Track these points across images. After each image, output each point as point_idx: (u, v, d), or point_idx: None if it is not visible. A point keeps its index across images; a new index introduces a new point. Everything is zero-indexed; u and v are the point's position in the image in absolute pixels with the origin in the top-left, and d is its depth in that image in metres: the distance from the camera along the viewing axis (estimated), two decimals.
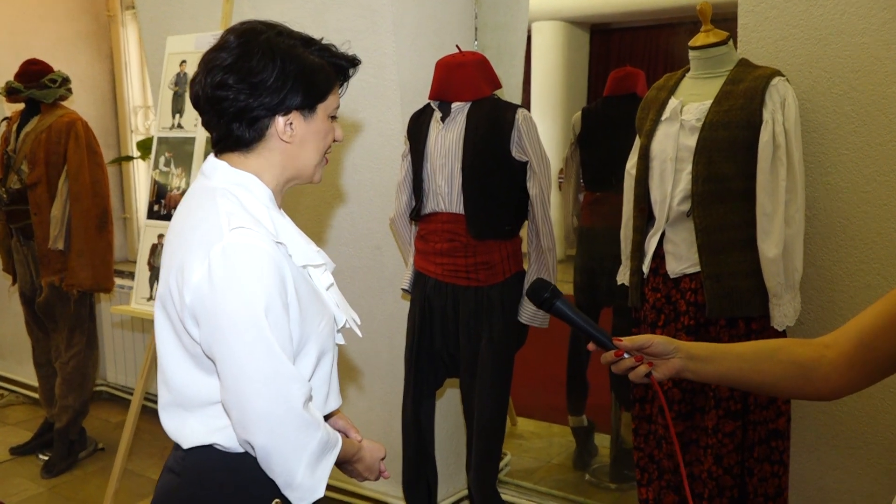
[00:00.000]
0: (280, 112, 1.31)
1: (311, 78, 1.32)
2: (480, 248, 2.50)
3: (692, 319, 2.20)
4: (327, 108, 1.37)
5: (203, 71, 1.32)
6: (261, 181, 1.35)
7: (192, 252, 1.26)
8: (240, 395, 1.24)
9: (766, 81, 2.09)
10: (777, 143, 2.06)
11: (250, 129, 1.32)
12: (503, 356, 2.54)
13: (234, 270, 1.22)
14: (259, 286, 1.22)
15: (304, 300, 1.32)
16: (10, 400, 4.60)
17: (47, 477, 3.63)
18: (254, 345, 1.22)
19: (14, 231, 3.69)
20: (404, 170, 2.67)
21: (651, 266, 2.30)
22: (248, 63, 1.28)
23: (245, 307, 1.21)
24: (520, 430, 4.04)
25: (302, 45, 1.34)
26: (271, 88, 1.29)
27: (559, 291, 1.33)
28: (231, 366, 1.23)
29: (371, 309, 3.08)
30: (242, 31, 1.32)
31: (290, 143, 1.35)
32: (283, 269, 1.27)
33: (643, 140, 2.31)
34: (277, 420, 1.24)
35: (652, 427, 2.33)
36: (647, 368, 1.27)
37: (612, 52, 8.38)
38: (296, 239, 1.36)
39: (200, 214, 1.30)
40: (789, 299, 2.09)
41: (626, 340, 1.28)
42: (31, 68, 3.55)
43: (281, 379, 1.24)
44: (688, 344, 1.28)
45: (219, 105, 1.31)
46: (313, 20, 2.95)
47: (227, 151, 1.36)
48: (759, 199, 2.09)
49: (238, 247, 1.23)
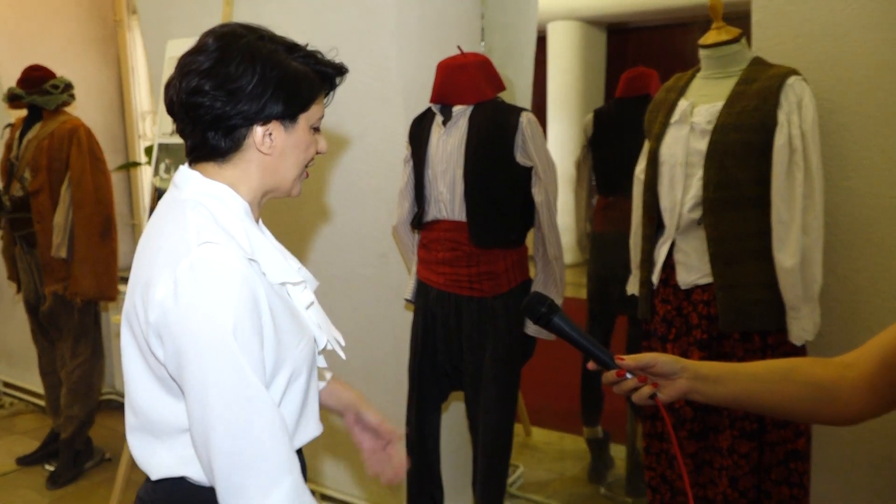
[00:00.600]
0: (259, 121, 1.23)
1: (293, 86, 1.24)
2: (484, 257, 2.40)
3: (705, 333, 2.08)
4: (310, 119, 1.29)
5: (178, 75, 1.24)
6: (236, 193, 1.27)
7: (159, 267, 1.17)
8: (205, 422, 1.14)
9: (781, 81, 1.98)
10: (793, 146, 1.94)
11: (226, 138, 1.24)
12: (508, 370, 2.44)
13: (201, 288, 1.13)
14: (228, 306, 1.13)
15: (279, 321, 1.23)
16: (18, 408, 4.58)
17: (52, 488, 3.58)
18: (221, 368, 1.12)
19: (18, 239, 3.65)
20: (406, 176, 2.58)
21: (661, 276, 2.19)
22: (226, 68, 1.20)
23: (212, 328, 1.12)
24: (533, 441, 3.95)
25: (285, 50, 1.26)
26: (250, 96, 1.21)
27: (557, 306, 1.25)
28: (195, 391, 1.14)
29: (376, 318, 3.00)
30: (222, 34, 1.24)
31: (269, 155, 1.27)
32: (256, 288, 1.18)
33: (652, 144, 2.20)
34: (243, 454, 1.14)
35: (664, 445, 2.22)
36: (651, 389, 1.19)
37: (630, 52, 8.26)
38: (272, 255, 1.28)
39: (169, 228, 1.22)
40: (808, 312, 1.97)
41: (629, 359, 1.19)
42: (33, 74, 3.50)
43: (250, 405, 1.14)
44: (695, 363, 1.19)
45: (194, 112, 1.22)
46: (312, 21, 2.88)
47: (201, 161, 1.28)
48: (775, 206, 1.97)
49: (206, 263, 1.14)
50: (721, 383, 1.17)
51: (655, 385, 1.19)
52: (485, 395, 2.45)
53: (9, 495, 3.53)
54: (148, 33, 3.51)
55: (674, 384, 1.18)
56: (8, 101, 3.53)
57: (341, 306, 3.10)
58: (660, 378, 1.19)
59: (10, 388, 4.75)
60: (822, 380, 1.13)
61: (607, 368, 1.22)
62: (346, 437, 3.16)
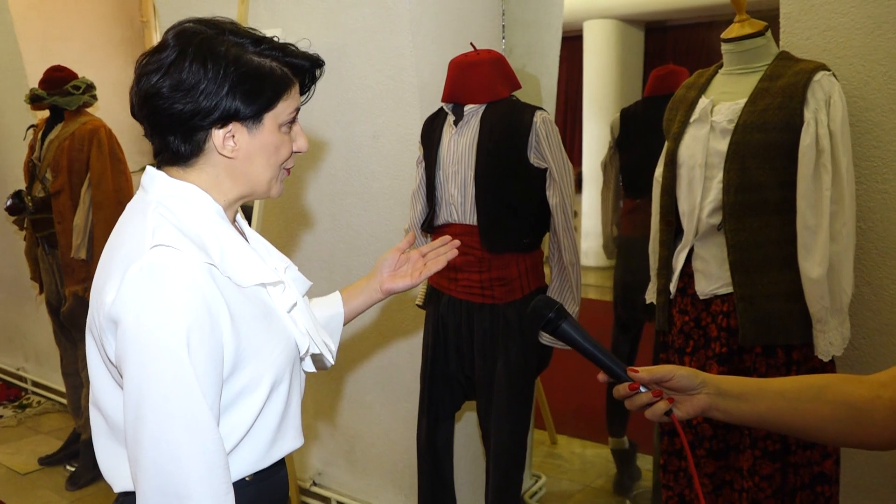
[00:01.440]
0: (216, 123, 1.15)
1: (254, 83, 1.16)
2: (496, 262, 2.30)
3: (724, 346, 1.96)
4: (277, 117, 1.20)
5: (136, 76, 1.17)
6: (205, 193, 1.20)
7: (113, 271, 1.11)
8: (135, 435, 1.06)
9: (808, 77, 1.84)
10: (821, 146, 1.81)
11: (186, 142, 1.17)
12: (521, 380, 2.33)
13: (148, 293, 1.06)
14: (174, 313, 1.05)
15: (243, 327, 1.15)
16: (46, 407, 4.60)
17: (71, 489, 3.58)
18: (160, 380, 1.04)
19: (40, 240, 3.65)
20: (418, 177, 2.49)
21: (679, 285, 2.06)
22: (180, 67, 1.13)
23: (156, 336, 1.04)
24: (558, 450, 3.84)
25: (251, 44, 1.18)
26: (205, 95, 1.13)
27: (566, 311, 1.15)
28: (130, 399, 1.06)
29: (391, 323, 2.93)
30: (179, 31, 1.17)
31: (234, 159, 1.19)
32: (211, 295, 1.10)
33: (670, 144, 2.08)
34: (166, 478, 1.05)
35: (682, 464, 2.10)
36: (667, 405, 1.08)
37: (668, 51, 8.10)
38: (243, 256, 1.20)
39: (128, 230, 1.16)
40: (836, 325, 1.83)
41: (644, 371, 1.09)
42: (55, 75, 3.50)
43: (186, 426, 1.05)
44: (716, 377, 1.08)
45: (152, 115, 1.16)
46: (327, 20, 2.81)
47: (166, 165, 1.21)
48: (800, 211, 1.84)
49: (155, 267, 1.07)
50: (744, 400, 1.07)
51: (672, 400, 1.08)
52: (497, 406, 2.35)
53: (28, 495, 3.54)
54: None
55: (692, 400, 1.08)
56: (30, 102, 3.54)
57: None
58: (677, 393, 1.09)
59: (38, 387, 4.79)
60: (857, 399, 1.03)
61: (619, 381, 1.12)
62: (360, 443, 3.11)
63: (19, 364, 4.98)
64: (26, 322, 4.84)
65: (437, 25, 2.70)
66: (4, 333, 5.07)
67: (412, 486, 2.98)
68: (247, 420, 1.18)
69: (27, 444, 4.10)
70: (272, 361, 1.19)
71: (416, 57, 2.65)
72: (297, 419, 1.29)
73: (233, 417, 1.16)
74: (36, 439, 4.18)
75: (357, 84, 2.81)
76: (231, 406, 1.16)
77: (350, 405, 3.15)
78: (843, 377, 1.09)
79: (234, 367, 1.14)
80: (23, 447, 4.06)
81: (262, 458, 1.23)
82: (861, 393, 1.04)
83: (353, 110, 2.84)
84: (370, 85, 2.78)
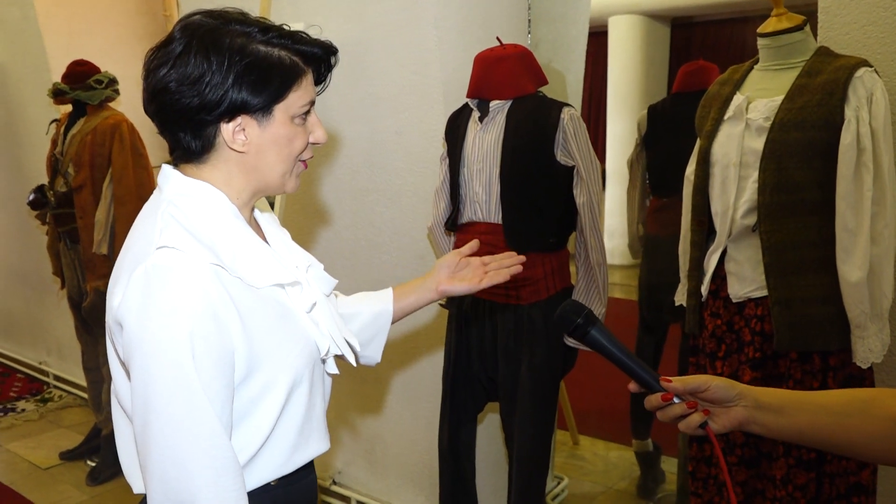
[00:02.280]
0: (224, 117, 1.12)
1: (260, 73, 1.12)
2: None
3: (758, 351, 1.89)
4: (289, 109, 1.16)
5: (144, 72, 1.14)
6: (219, 191, 1.17)
7: (122, 273, 1.10)
8: (144, 443, 1.05)
9: (848, 73, 1.77)
10: (862, 145, 1.74)
11: (196, 138, 1.14)
12: (545, 383, 2.28)
13: (151, 296, 1.04)
14: (178, 316, 1.03)
15: (260, 328, 1.12)
16: (67, 402, 4.62)
17: (92, 484, 3.58)
18: (165, 381, 1.02)
19: (61, 235, 3.65)
20: (442, 174, 2.45)
21: (710, 288, 2.00)
22: (186, 60, 1.10)
23: (160, 340, 1.02)
24: (580, 451, 3.79)
25: (259, 33, 1.14)
26: (210, 87, 1.10)
27: (595, 317, 1.10)
28: (137, 405, 1.05)
29: (414, 323, 2.89)
30: (185, 24, 1.14)
31: (245, 153, 1.16)
32: (219, 296, 1.07)
33: (703, 142, 2.01)
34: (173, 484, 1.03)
35: (712, 471, 2.04)
36: (702, 417, 1.03)
37: (694, 47, 7.98)
38: (257, 256, 1.16)
39: (140, 230, 1.14)
40: (876, 331, 1.76)
41: (677, 381, 1.04)
42: (78, 69, 3.49)
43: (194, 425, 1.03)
44: (755, 389, 1.03)
45: (161, 111, 1.13)
46: (351, 13, 2.77)
47: (181, 162, 1.19)
48: (840, 212, 1.77)
49: (159, 270, 1.05)
50: (784, 414, 1.02)
51: (707, 412, 1.04)
52: (521, 409, 2.31)
53: (49, 490, 3.54)
54: None
55: (728, 412, 1.03)
56: (53, 96, 3.53)
57: None
58: (712, 404, 1.04)
59: (60, 381, 4.81)
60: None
61: (651, 391, 1.07)
62: (381, 443, 3.08)
63: (41, 358, 5.00)
64: (48, 316, 4.86)
65: (462, 19, 2.65)
66: (27, 327, 5.10)
67: (432, 487, 2.95)
68: (267, 423, 1.15)
69: (48, 439, 4.11)
70: (289, 364, 1.16)
71: (440, 52, 2.60)
72: (321, 423, 1.26)
73: (252, 421, 1.14)
74: (57, 433, 4.19)
75: (380, 79, 2.77)
76: (249, 410, 1.14)
77: (370, 405, 3.12)
78: (889, 391, 1.03)
79: (248, 371, 1.12)
80: (44, 441, 4.08)
81: (285, 462, 1.20)
82: None
83: (376, 106, 2.80)
84: (394, 80, 2.73)
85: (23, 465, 3.79)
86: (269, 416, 1.15)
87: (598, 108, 8.61)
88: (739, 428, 1.03)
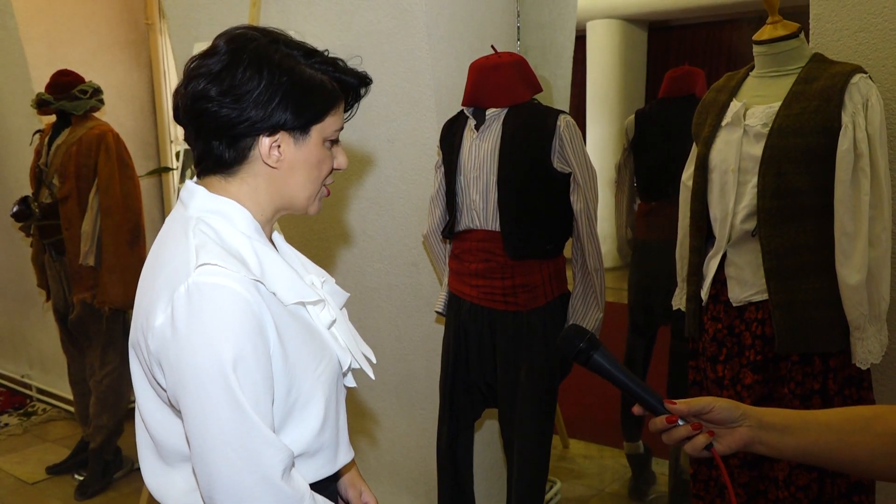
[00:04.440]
0: (265, 131, 1.14)
1: (305, 94, 1.14)
2: (519, 268, 2.27)
3: (759, 354, 1.92)
4: (324, 131, 1.19)
5: (185, 79, 1.15)
6: (244, 208, 1.17)
7: (158, 293, 1.09)
8: (204, 457, 1.06)
9: (845, 79, 1.80)
10: (859, 150, 1.77)
11: (231, 148, 1.15)
12: (544, 388, 2.30)
13: (198, 315, 1.05)
14: (227, 334, 1.04)
15: (290, 345, 1.14)
16: (51, 415, 4.55)
17: (80, 499, 3.53)
18: (219, 402, 1.04)
19: (47, 246, 3.60)
20: (437, 182, 2.46)
21: (711, 292, 2.02)
22: (233, 73, 1.11)
23: (209, 358, 1.04)
24: (571, 454, 3.80)
25: (302, 56, 1.17)
26: (256, 102, 1.11)
27: (597, 340, 1.10)
28: (194, 424, 1.06)
29: (407, 330, 2.89)
30: (233, 36, 1.16)
31: (277, 169, 1.17)
32: (261, 312, 1.08)
33: (701, 148, 2.04)
34: (246, 492, 1.06)
35: (713, 473, 2.06)
36: (707, 439, 1.04)
37: (672, 51, 8.06)
38: (284, 274, 1.17)
39: (170, 249, 1.14)
40: (874, 332, 1.80)
41: (681, 403, 1.05)
42: (62, 79, 3.45)
43: (250, 443, 1.05)
44: (758, 409, 1.05)
45: (198, 118, 1.14)
46: (341, 21, 2.77)
47: (207, 174, 1.19)
48: (839, 216, 1.80)
49: (204, 287, 1.05)
50: (789, 433, 1.03)
51: (712, 434, 1.05)
52: (520, 415, 2.32)
53: None
54: (176, 36, 3.45)
55: (733, 433, 1.04)
56: (37, 106, 3.48)
57: (370, 317, 2.99)
58: (717, 426, 1.05)
59: (43, 394, 4.74)
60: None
61: (655, 413, 1.08)
62: (376, 451, 3.08)
63: (24, 371, 4.93)
64: (31, 329, 4.79)
65: (453, 27, 2.66)
66: (9, 340, 5.02)
67: (426, 494, 2.95)
68: (303, 438, 1.17)
69: (34, 453, 4.05)
70: (318, 378, 1.18)
71: (432, 59, 2.61)
72: (346, 434, 1.29)
73: (289, 435, 1.16)
74: (43, 447, 4.13)
75: (372, 87, 2.75)
76: (286, 423, 1.15)
77: (365, 412, 3.11)
78: (891, 408, 1.05)
79: (288, 386, 1.14)
80: (29, 456, 4.01)
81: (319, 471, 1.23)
82: None
83: (368, 113, 2.80)
84: (385, 88, 2.74)
85: (9, 481, 3.73)
86: (307, 430, 1.17)
87: (577, 113, 8.67)
88: (744, 448, 1.05)
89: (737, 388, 1.97)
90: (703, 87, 3.07)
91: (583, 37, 7.90)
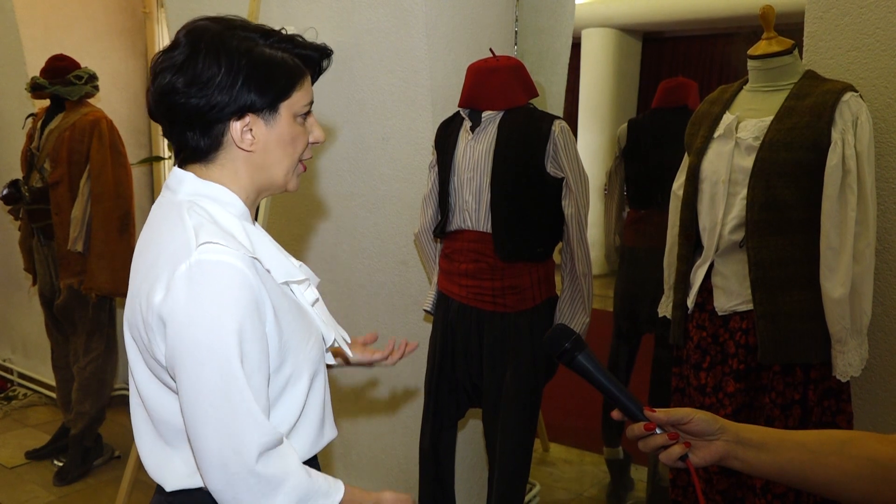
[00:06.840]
0: (234, 115, 1.17)
1: (267, 73, 1.17)
2: (508, 270, 2.29)
3: (742, 363, 1.95)
4: (293, 107, 1.22)
5: (153, 75, 1.19)
6: (232, 193, 1.21)
7: (158, 273, 1.12)
8: (196, 429, 1.10)
9: (836, 97, 1.84)
10: (847, 167, 1.81)
11: (205, 136, 1.18)
12: (529, 390, 2.32)
13: (200, 291, 1.08)
14: (230, 309, 1.08)
15: (285, 320, 1.18)
16: (32, 400, 4.53)
17: (59, 485, 3.52)
18: (212, 374, 1.07)
19: (35, 231, 3.59)
20: (431, 182, 2.48)
21: (697, 300, 2.05)
22: (194, 62, 1.14)
23: (210, 332, 1.07)
24: (551, 457, 3.83)
25: (261, 37, 1.20)
26: (220, 88, 1.15)
27: (583, 342, 1.11)
28: (188, 397, 1.09)
29: (394, 327, 2.91)
30: (191, 28, 1.19)
31: (252, 151, 1.20)
32: (259, 289, 1.12)
33: (692, 159, 2.07)
34: (229, 466, 1.09)
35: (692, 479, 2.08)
36: (682, 449, 1.05)
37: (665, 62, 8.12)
38: (274, 253, 1.22)
39: (166, 232, 1.17)
40: (855, 346, 1.83)
41: (661, 412, 1.06)
42: (57, 64, 3.44)
43: (234, 420, 1.08)
44: (736, 425, 1.06)
45: (170, 112, 1.17)
46: (341, 20, 2.78)
47: (187, 164, 1.23)
48: (825, 230, 1.84)
49: (206, 264, 1.08)
50: (765, 450, 1.03)
51: (688, 445, 1.05)
52: (504, 416, 2.34)
53: (15, 490, 3.47)
54: (174, 26, 3.45)
55: (709, 446, 1.04)
56: (31, 90, 3.48)
57: (358, 314, 3.00)
58: (694, 437, 1.05)
59: (25, 379, 4.72)
60: (882, 457, 1.00)
61: (634, 420, 1.09)
62: (357, 447, 3.08)
63: (6, 356, 4.90)
64: (15, 313, 4.77)
65: (452, 29, 2.68)
66: None
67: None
68: (292, 413, 1.21)
69: (13, 437, 4.03)
70: (307, 354, 1.22)
71: (430, 59, 2.63)
72: (330, 411, 1.33)
73: (277, 412, 1.19)
74: (22, 432, 4.11)
75: (369, 85, 2.78)
76: (279, 398, 1.19)
77: (347, 408, 3.12)
78: (867, 434, 1.06)
79: (280, 361, 1.17)
80: (9, 440, 4.00)
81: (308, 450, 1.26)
82: (887, 451, 1.00)
83: (364, 111, 2.82)
84: (382, 86, 2.75)
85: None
86: (294, 406, 1.21)
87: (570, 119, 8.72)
88: (719, 462, 1.05)
89: (719, 395, 2.00)
90: (696, 98, 3.11)
91: (577, 45, 7.94)
